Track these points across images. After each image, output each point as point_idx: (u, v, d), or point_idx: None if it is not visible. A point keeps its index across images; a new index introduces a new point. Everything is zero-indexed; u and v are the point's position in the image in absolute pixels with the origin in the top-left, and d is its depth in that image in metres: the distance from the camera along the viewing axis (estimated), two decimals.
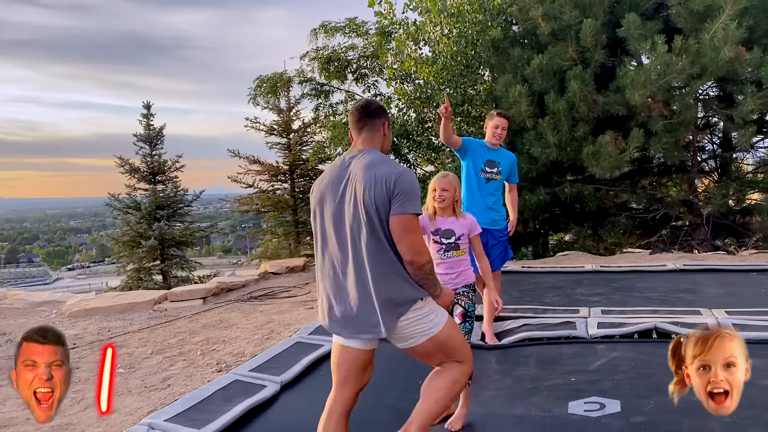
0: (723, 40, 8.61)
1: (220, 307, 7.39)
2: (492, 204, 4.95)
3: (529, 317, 5.14)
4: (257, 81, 14.40)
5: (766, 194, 10.93)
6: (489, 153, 4.96)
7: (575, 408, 3.33)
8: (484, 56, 10.65)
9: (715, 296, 5.90)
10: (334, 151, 11.65)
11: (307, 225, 13.81)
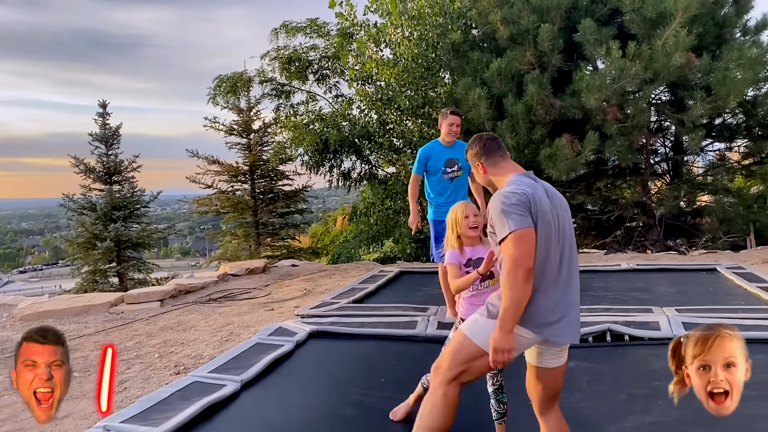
0: (674, 47, 8.89)
1: (179, 309, 7.29)
2: (456, 199, 5.09)
3: None
4: (216, 80, 14.25)
5: (715, 196, 11.31)
6: (447, 152, 5.21)
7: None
8: (444, 59, 10.77)
9: (667, 295, 6.08)
10: (295, 151, 11.62)
11: (267, 226, 13.72)
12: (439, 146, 5.25)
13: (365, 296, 6.62)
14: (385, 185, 11.30)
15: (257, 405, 3.66)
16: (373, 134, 11.11)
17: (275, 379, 4.06)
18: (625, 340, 4.51)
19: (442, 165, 5.19)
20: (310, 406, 3.69)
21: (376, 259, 11.49)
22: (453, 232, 3.18)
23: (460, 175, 5.21)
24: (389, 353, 4.56)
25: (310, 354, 4.61)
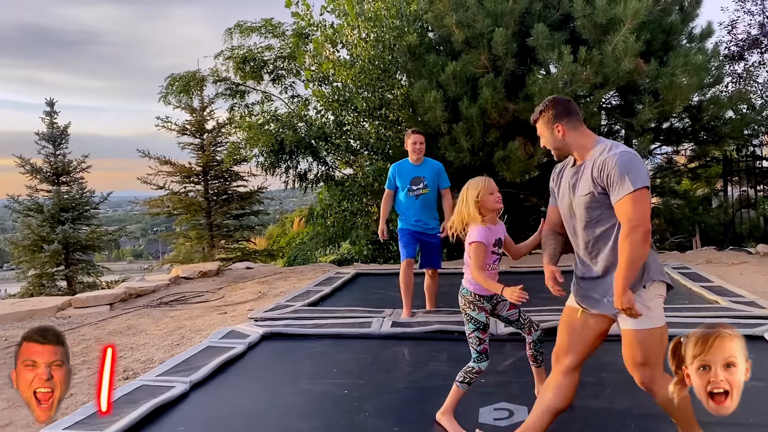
0: (623, 52, 9.09)
1: (129, 313, 7.12)
2: (422, 217, 5.50)
3: (442, 316, 5.26)
4: (169, 79, 13.98)
5: (663, 198, 11.64)
6: (414, 170, 5.51)
7: (485, 414, 3.38)
8: (400, 61, 10.78)
9: None
10: (249, 152, 11.47)
11: (221, 228, 13.53)
12: (407, 165, 5.52)
13: (321, 299, 6.60)
14: (342, 187, 11.25)
15: (206, 403, 3.63)
16: (330, 135, 11.05)
17: (225, 379, 4.04)
18: None
19: (407, 183, 5.47)
20: (258, 398, 3.71)
21: (332, 261, 11.45)
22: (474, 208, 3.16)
23: (426, 192, 5.47)
24: (343, 349, 4.57)
25: (262, 354, 4.58)
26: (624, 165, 2.55)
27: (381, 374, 4.09)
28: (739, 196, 11.84)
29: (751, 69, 12.87)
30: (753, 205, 11.51)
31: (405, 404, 3.58)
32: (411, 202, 5.47)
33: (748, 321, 4.74)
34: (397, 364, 4.27)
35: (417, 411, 3.47)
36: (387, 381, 3.96)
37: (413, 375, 4.05)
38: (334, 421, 3.34)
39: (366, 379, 3.96)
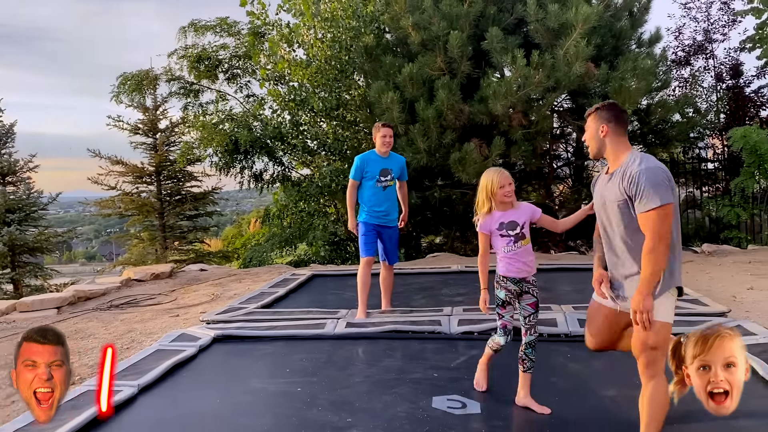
0: (575, 56, 9.30)
1: (77, 316, 6.93)
2: (387, 208, 5.60)
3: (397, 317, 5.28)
4: (121, 78, 13.68)
5: None
6: (382, 162, 5.60)
7: (438, 403, 3.46)
8: (357, 62, 10.80)
9: (566, 293, 6.35)
10: (203, 152, 11.30)
11: (175, 229, 13.29)
12: (375, 156, 5.59)
13: (275, 301, 6.54)
14: (298, 187, 11.17)
15: (154, 406, 3.57)
16: (286, 135, 10.97)
17: (175, 382, 3.97)
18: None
19: (377, 174, 5.51)
20: (208, 400, 3.67)
21: (289, 262, 11.37)
22: (486, 199, 3.40)
23: (392, 184, 5.60)
24: (296, 350, 4.55)
25: (213, 357, 4.51)
26: (653, 179, 2.73)
27: (335, 372, 4.09)
28: (685, 197, 12.23)
29: (697, 74, 13.31)
30: (698, 206, 11.91)
31: (358, 397, 3.61)
32: (378, 193, 5.53)
33: (691, 318, 4.89)
34: (351, 362, 4.29)
35: (370, 403, 3.51)
36: (341, 377, 3.97)
37: (367, 371, 4.08)
38: (286, 417, 3.33)
39: (319, 377, 3.96)
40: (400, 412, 3.35)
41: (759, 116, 12.58)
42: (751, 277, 7.39)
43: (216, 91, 13.51)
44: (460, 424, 3.22)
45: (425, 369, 4.06)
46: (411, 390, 3.68)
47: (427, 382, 3.81)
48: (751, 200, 10.58)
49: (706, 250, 9.59)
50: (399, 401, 3.51)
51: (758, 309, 5.78)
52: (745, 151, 9.93)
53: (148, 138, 13.36)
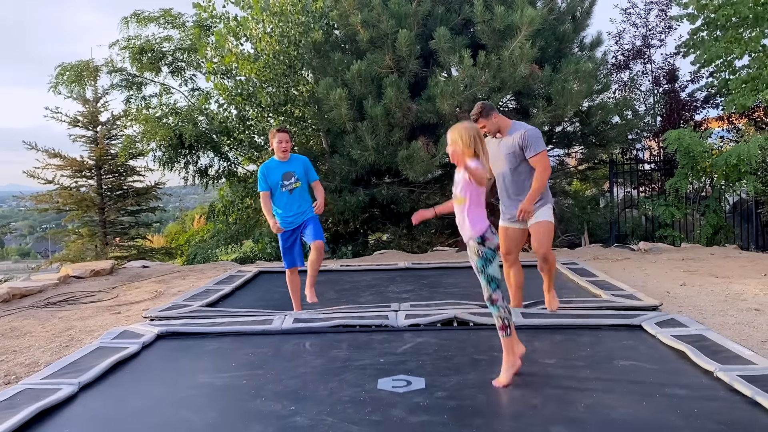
0: (519, 58, 9.51)
1: (12, 314, 6.68)
2: (296, 210, 5.63)
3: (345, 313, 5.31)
4: (59, 68, 13.21)
5: (555, 198, 12.25)
6: (282, 167, 5.62)
7: (384, 384, 3.56)
8: (306, 58, 10.74)
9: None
10: (146, 146, 11.01)
11: (116, 225, 12.92)
12: (275, 163, 5.65)
13: (220, 298, 6.47)
14: (245, 183, 11.03)
15: (95, 404, 3.48)
16: (233, 130, 10.82)
17: (117, 379, 3.88)
18: (470, 326, 4.82)
19: (279, 179, 5.56)
20: (151, 396, 3.63)
21: (234, 259, 11.22)
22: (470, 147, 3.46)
23: (298, 186, 5.62)
24: (243, 346, 4.51)
25: (157, 354, 4.43)
26: (535, 135, 4.87)
27: (281, 364, 4.09)
28: (623, 197, 12.66)
29: (635, 78, 13.79)
30: (636, 206, 12.35)
31: (304, 386, 3.64)
32: (285, 198, 5.58)
33: (627, 312, 5.09)
34: (298, 355, 4.29)
35: (315, 391, 3.55)
36: (287, 369, 3.97)
37: (313, 362, 4.09)
38: (229, 410, 3.31)
39: (265, 370, 3.95)
40: (344, 397, 3.41)
41: (693, 119, 13.15)
42: (684, 274, 7.73)
43: (160, 84, 13.21)
44: (403, 400, 3.33)
45: (372, 356, 4.12)
46: (356, 376, 3.75)
47: (372, 367, 3.88)
48: (685, 200, 11.04)
49: (643, 247, 9.96)
50: (344, 387, 3.57)
51: (690, 304, 6.06)
52: (679, 153, 10.36)
53: (88, 131, 12.93)
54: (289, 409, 3.26)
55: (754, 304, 5.95)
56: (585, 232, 11.45)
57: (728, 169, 9.83)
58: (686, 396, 3.30)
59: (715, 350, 3.93)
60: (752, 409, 3.08)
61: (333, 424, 3.04)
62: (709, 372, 3.60)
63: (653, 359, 3.95)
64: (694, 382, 3.52)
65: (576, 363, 3.94)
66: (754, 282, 7.00)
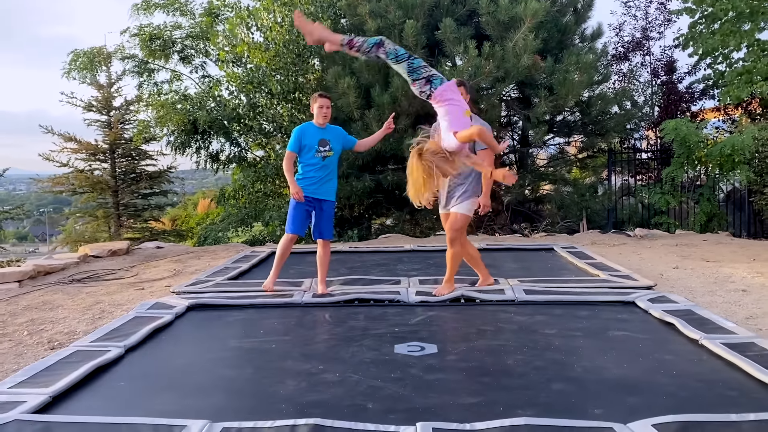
0: (523, 49, 9.85)
1: (41, 289, 7.05)
2: (323, 178, 5.61)
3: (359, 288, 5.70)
4: (72, 54, 13.51)
5: (555, 185, 12.63)
6: (320, 133, 5.61)
7: (400, 349, 3.95)
8: (314, 47, 11.04)
9: (511, 269, 6.89)
10: (160, 131, 11.35)
11: (129, 207, 13.29)
12: (313, 127, 5.63)
13: (240, 274, 6.84)
14: (254, 168, 11.39)
15: (142, 363, 3.86)
16: (243, 117, 11.16)
17: (157, 343, 4.27)
18: (477, 302, 5.21)
19: (315, 143, 5.54)
20: (190, 356, 4.03)
21: (244, 241, 11.58)
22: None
23: (331, 155, 5.60)
24: (268, 316, 4.90)
25: (189, 323, 4.82)
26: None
27: (305, 331, 4.50)
28: (621, 185, 13.03)
29: (634, 69, 14.12)
30: (633, 193, 12.72)
31: (328, 349, 4.04)
32: (317, 163, 5.53)
33: (622, 290, 5.49)
34: (319, 324, 4.69)
35: (339, 353, 3.94)
36: (311, 336, 4.39)
37: (334, 330, 4.50)
38: (263, 369, 3.70)
39: (291, 336, 4.36)
40: (366, 359, 3.80)
41: (689, 110, 13.50)
42: (677, 258, 8.12)
43: (171, 70, 13.53)
44: (419, 362, 3.74)
45: (387, 326, 4.51)
46: (375, 342, 4.14)
47: (389, 335, 4.28)
48: (680, 188, 11.40)
49: (639, 233, 10.34)
50: (365, 351, 3.96)
51: (681, 285, 6.44)
52: (675, 143, 10.70)
53: (102, 115, 13.24)
54: (318, 368, 3.65)
55: (742, 286, 6.33)
56: (583, 218, 11.81)
57: (722, 158, 10.18)
58: (673, 360, 3.69)
59: (702, 323, 4.32)
60: (730, 370, 3.47)
61: (359, 380, 3.43)
62: (694, 340, 3.99)
63: (644, 330, 4.34)
64: (680, 348, 3.91)
65: (574, 333, 4.33)
66: (743, 266, 7.38)
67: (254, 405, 3.11)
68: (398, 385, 3.35)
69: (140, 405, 3.15)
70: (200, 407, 3.05)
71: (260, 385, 3.44)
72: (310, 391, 3.29)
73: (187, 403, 3.16)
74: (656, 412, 2.78)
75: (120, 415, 2.88)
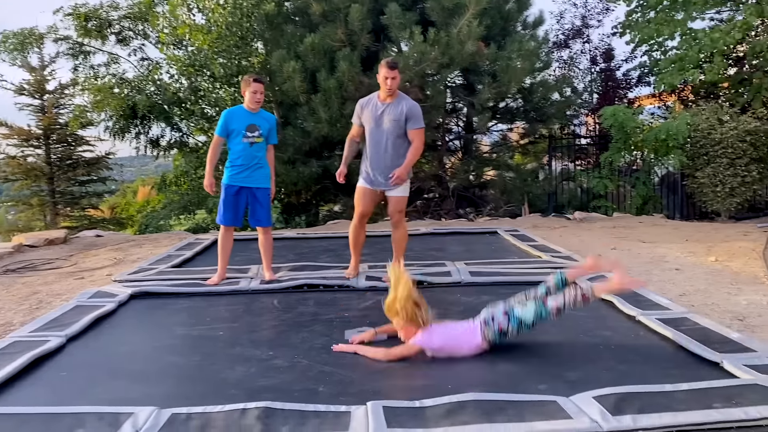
0: (467, 35, 9.94)
1: None
2: (254, 165, 5.42)
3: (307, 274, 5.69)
4: (0, 35, 12.86)
5: (498, 171, 12.86)
6: (249, 118, 5.39)
7: (350, 334, 3.96)
8: (258, 30, 10.86)
9: (457, 252, 7.00)
10: (98, 116, 10.96)
11: (65, 195, 12.81)
12: (243, 111, 5.41)
13: (183, 262, 6.72)
14: (197, 154, 11.16)
15: (85, 352, 3.77)
16: (185, 101, 10.89)
17: (100, 332, 4.16)
18: (424, 285, 5.27)
19: (243, 129, 5.32)
20: (136, 344, 3.98)
21: (187, 229, 11.37)
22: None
23: (259, 141, 5.40)
24: (214, 304, 4.84)
25: (133, 311, 4.72)
26: (419, 111, 5.12)
27: (253, 318, 4.48)
28: (561, 170, 13.37)
29: (574, 56, 14.46)
30: (572, 178, 13.08)
31: (278, 335, 4.03)
32: (244, 149, 5.33)
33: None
34: (268, 311, 4.67)
35: (289, 339, 3.93)
36: (260, 322, 4.37)
37: (283, 316, 4.48)
38: (212, 355, 3.66)
39: (239, 323, 4.33)
40: (316, 344, 3.81)
41: (626, 97, 13.94)
42: (615, 240, 8.41)
43: (107, 53, 13.03)
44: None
45: (337, 312, 4.53)
46: (325, 327, 4.15)
47: (339, 320, 4.30)
48: (618, 173, 11.79)
49: (578, 217, 10.64)
50: (315, 336, 3.97)
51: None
52: (613, 129, 11.03)
53: (35, 99, 12.68)
54: (268, 354, 3.64)
55: (675, 265, 6.63)
56: (525, 202, 12.09)
57: (657, 143, 10.57)
58: (611, 335, 3.86)
59: (639, 300, 4.51)
60: (665, 344, 3.65)
61: (310, 365, 3.44)
62: (631, 317, 4.17)
63: (585, 308, 4.49)
64: (619, 325, 4.08)
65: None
66: (677, 246, 7.72)
67: (204, 391, 3.08)
68: (349, 369, 3.37)
69: (84, 395, 3.07)
70: (148, 395, 3.00)
71: (209, 371, 3.41)
72: (261, 376, 3.28)
73: (133, 391, 3.11)
74: (597, 385, 2.89)
75: (63, 406, 2.81)
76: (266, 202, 5.56)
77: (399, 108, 5.06)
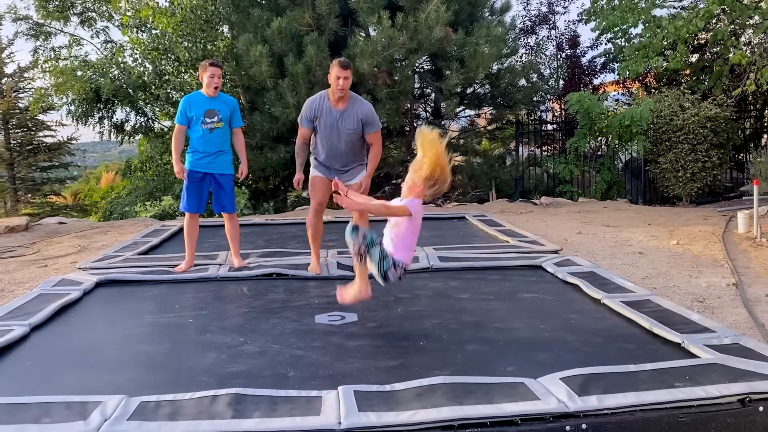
0: (435, 21, 9.93)
1: None
2: (214, 152, 5.32)
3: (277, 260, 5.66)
4: None
5: (465, 157, 12.93)
6: (208, 103, 5.28)
7: (321, 319, 3.99)
8: (224, 13, 10.69)
9: (426, 238, 6.97)
10: (60, 100, 10.68)
11: (26, 181, 12.49)
12: (201, 97, 5.32)
13: (150, 249, 6.63)
14: (162, 139, 10.96)
15: (50, 341, 3.70)
16: (149, 85, 10.67)
17: (65, 321, 4.09)
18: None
19: (201, 115, 5.23)
20: (102, 333, 3.93)
21: (153, 215, 11.21)
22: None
23: (220, 126, 5.30)
24: (182, 291, 4.79)
25: (99, 299, 4.64)
26: (375, 114, 4.98)
27: (223, 305, 4.44)
28: (528, 156, 13.52)
29: (541, 42, 14.57)
30: (539, 164, 13.24)
31: (248, 322, 4.01)
32: (204, 136, 5.25)
33: (530, 254, 5.75)
34: (237, 298, 4.64)
35: (259, 325, 3.92)
36: (229, 309, 4.34)
37: (253, 303, 4.45)
38: (182, 343, 3.63)
39: (209, 310, 4.28)
40: (287, 329, 3.81)
41: (592, 83, 14.12)
42: (580, 224, 8.57)
43: (69, 34, 12.68)
44: (340, 330, 3.80)
45: (307, 299, 4.53)
46: (295, 313, 4.15)
47: (309, 307, 4.30)
48: (583, 158, 11.98)
49: (544, 202, 10.81)
50: (285, 322, 3.96)
51: (584, 249, 6.83)
52: (579, 114, 11.19)
53: None
54: (238, 340, 3.63)
55: (639, 249, 6.80)
56: (493, 188, 12.21)
57: (622, 129, 10.75)
58: (577, 318, 3.94)
59: (603, 283, 4.60)
60: (629, 326, 3.74)
61: (280, 350, 3.44)
62: (596, 299, 4.26)
63: (551, 292, 4.59)
64: (584, 308, 4.16)
65: (486, 297, 4.51)
66: (640, 230, 7.90)
67: (173, 378, 3.06)
68: (320, 353, 3.39)
69: (50, 384, 3.02)
70: (116, 383, 2.97)
71: (179, 359, 3.38)
72: (231, 362, 3.27)
73: (101, 380, 3.07)
74: (563, 366, 2.96)
75: (28, 396, 2.76)
76: (230, 188, 5.50)
77: (354, 116, 4.85)
